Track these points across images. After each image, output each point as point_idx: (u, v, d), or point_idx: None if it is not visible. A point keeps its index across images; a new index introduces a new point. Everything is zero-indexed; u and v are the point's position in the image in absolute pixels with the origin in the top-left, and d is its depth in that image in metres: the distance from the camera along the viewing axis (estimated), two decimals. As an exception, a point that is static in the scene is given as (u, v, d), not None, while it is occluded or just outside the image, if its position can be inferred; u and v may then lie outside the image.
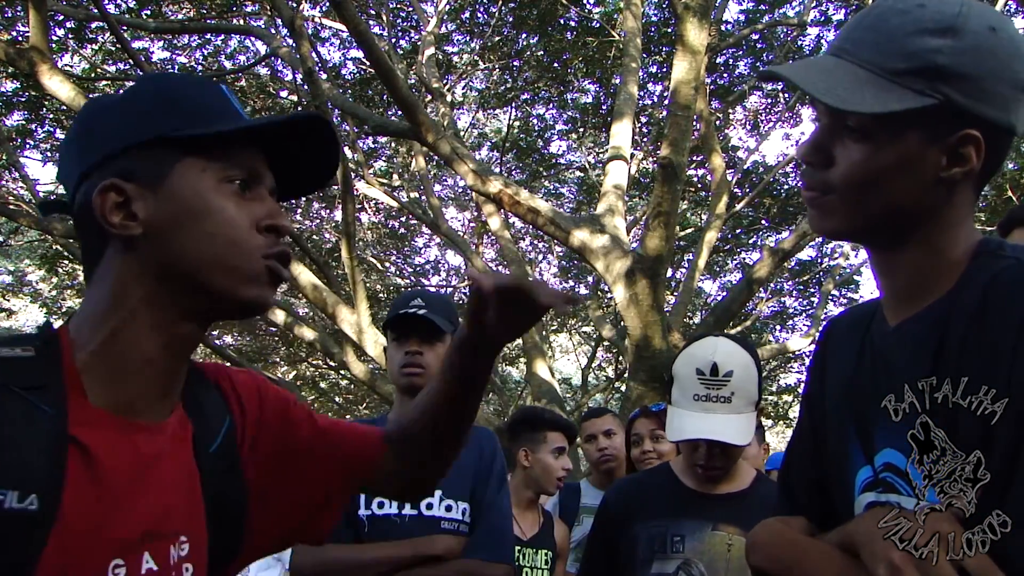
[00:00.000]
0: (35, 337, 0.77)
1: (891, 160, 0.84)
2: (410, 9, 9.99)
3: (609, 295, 9.32)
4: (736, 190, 9.81)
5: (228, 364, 1.11)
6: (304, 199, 12.12)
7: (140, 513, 0.76)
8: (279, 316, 7.33)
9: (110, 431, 0.75)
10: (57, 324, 0.83)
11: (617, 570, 1.64)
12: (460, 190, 12.89)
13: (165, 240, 0.77)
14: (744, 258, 13.16)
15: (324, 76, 8.56)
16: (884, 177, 0.84)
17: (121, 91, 0.87)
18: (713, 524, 1.56)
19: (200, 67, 10.15)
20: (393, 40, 9.83)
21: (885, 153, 0.84)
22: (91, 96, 7.15)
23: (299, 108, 9.98)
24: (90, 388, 0.75)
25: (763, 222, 11.63)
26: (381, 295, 12.53)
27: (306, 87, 5.82)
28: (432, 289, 13.85)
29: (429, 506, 1.76)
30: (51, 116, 9.31)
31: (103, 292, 0.79)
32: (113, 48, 9.12)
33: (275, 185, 0.86)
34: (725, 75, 10.40)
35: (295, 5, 7.31)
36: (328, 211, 12.22)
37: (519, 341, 12.13)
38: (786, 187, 11.07)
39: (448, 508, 1.77)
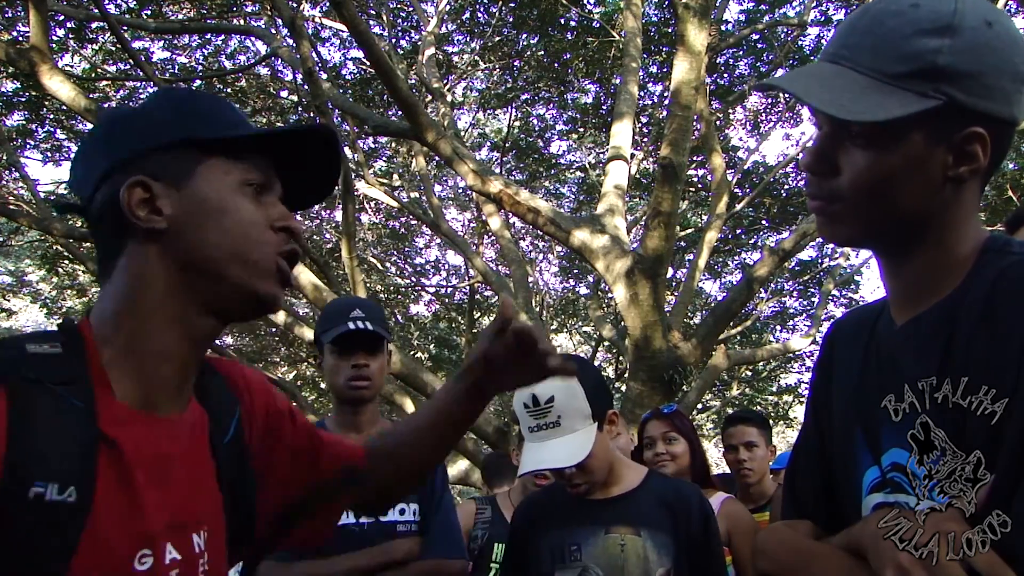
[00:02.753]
0: (59, 333, 0.80)
1: (898, 165, 0.83)
2: (410, 9, 9.99)
3: (609, 295, 9.32)
4: (736, 190, 9.81)
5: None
6: (304, 199, 12.09)
7: (163, 505, 0.79)
8: (279, 316, 7.32)
9: (134, 426, 0.78)
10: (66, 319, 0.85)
11: None
12: (460, 190, 12.90)
13: (188, 235, 0.82)
14: (744, 258, 13.17)
15: (324, 76, 8.56)
16: (892, 182, 0.83)
17: (136, 103, 0.90)
18: (605, 528, 1.61)
19: (200, 67, 10.15)
20: (393, 40, 9.83)
21: (891, 158, 0.83)
22: (92, 97, 7.15)
23: (299, 108, 9.99)
24: (116, 383, 0.79)
25: (763, 222, 11.64)
26: (381, 295, 12.52)
27: (306, 87, 5.81)
28: (432, 289, 13.88)
29: None
30: (51, 116, 9.31)
31: (124, 285, 0.82)
32: (113, 48, 9.11)
33: (283, 194, 0.91)
34: (725, 75, 10.40)
35: (295, 5, 7.31)
36: (328, 211, 12.21)
37: (519, 341, 12.09)
38: (786, 187, 11.07)
39: (401, 511, 1.81)
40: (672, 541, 1.58)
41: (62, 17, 8.06)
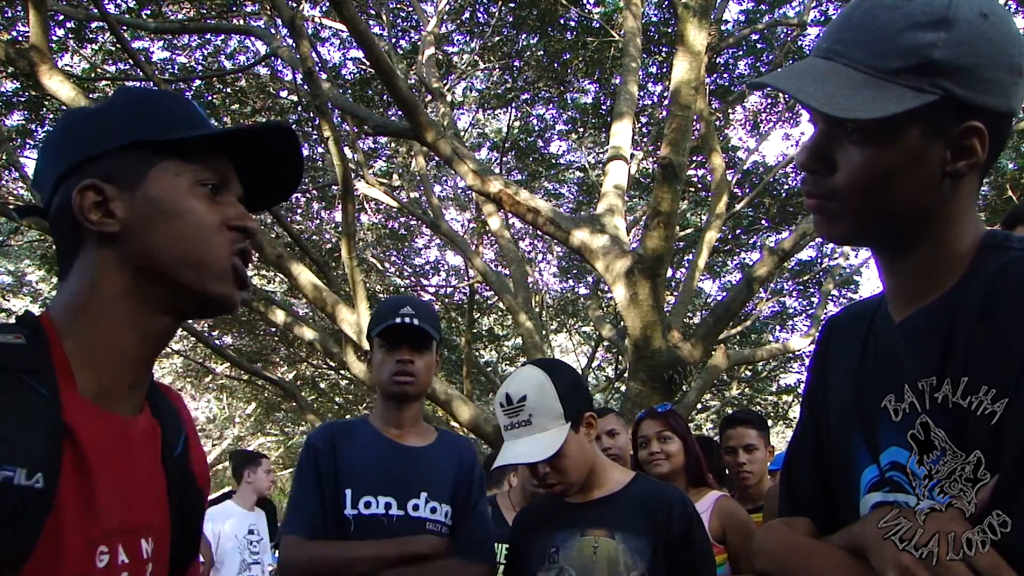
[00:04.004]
0: (21, 326, 0.79)
1: (895, 161, 0.82)
2: (410, 9, 9.99)
3: (609, 295, 9.31)
4: (736, 190, 9.81)
5: (228, 365, 1.13)
6: (304, 199, 12.12)
7: (118, 504, 0.79)
8: (279, 316, 7.32)
9: (94, 420, 0.78)
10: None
11: None
12: (460, 190, 12.89)
13: (140, 237, 0.82)
14: (744, 258, 13.17)
15: (324, 76, 8.55)
16: (889, 179, 0.83)
17: (108, 98, 0.92)
18: (581, 531, 1.64)
19: (200, 67, 10.15)
20: (393, 40, 9.83)
21: (889, 154, 0.82)
22: (92, 97, 7.15)
23: (299, 108, 9.99)
24: (78, 376, 0.79)
25: (763, 222, 11.63)
26: (381, 295, 12.51)
27: (306, 87, 5.81)
28: (432, 289, 13.87)
29: (416, 507, 1.81)
30: (51, 116, 9.30)
31: (80, 286, 0.82)
32: (113, 48, 9.11)
33: (243, 193, 0.91)
34: (725, 75, 10.40)
35: (295, 5, 7.31)
36: (328, 211, 12.21)
37: (519, 340, 12.13)
38: (786, 187, 11.07)
39: (433, 510, 1.82)
40: (648, 545, 1.59)
41: (62, 17, 8.06)
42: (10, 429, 0.70)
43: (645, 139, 10.48)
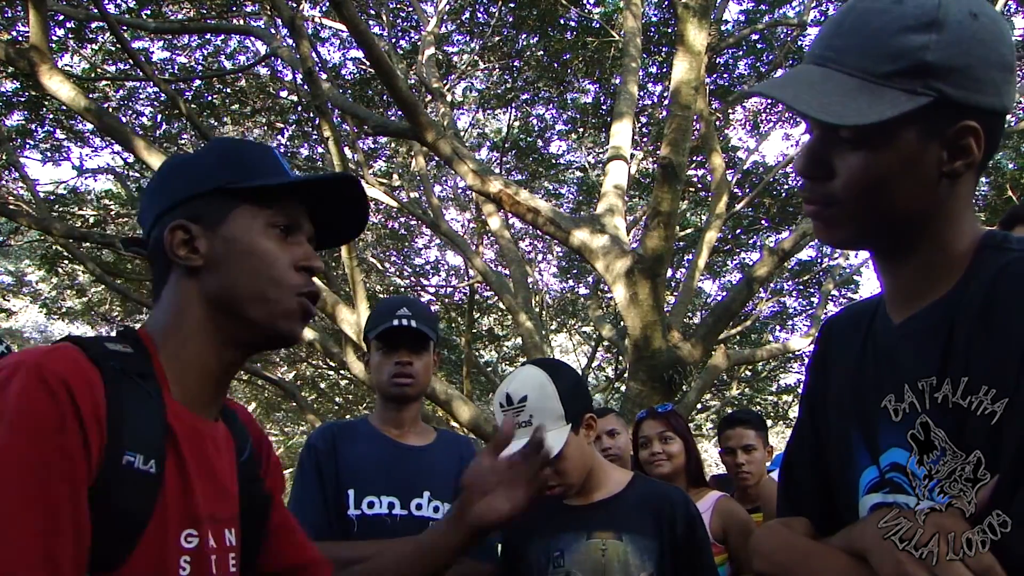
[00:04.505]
0: (124, 338, 0.92)
1: (892, 163, 0.82)
2: (410, 9, 9.98)
3: (609, 295, 9.31)
4: (736, 190, 9.81)
5: None
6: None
7: (206, 496, 0.91)
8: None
9: (187, 421, 0.91)
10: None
11: None
12: (460, 190, 12.89)
13: (219, 272, 0.94)
14: (744, 258, 13.17)
15: (324, 76, 8.55)
16: (887, 181, 0.83)
17: (201, 148, 1.05)
18: (588, 533, 1.62)
19: (200, 67, 10.14)
20: (393, 40, 9.82)
21: (885, 158, 0.82)
22: (91, 96, 7.14)
23: (299, 108, 9.98)
24: (172, 383, 0.91)
25: (763, 222, 11.63)
26: (381, 295, 12.51)
27: (306, 87, 5.81)
28: (432, 289, 13.87)
29: (418, 507, 1.81)
30: (51, 116, 9.31)
31: (168, 310, 0.96)
32: (113, 48, 9.11)
33: (313, 233, 1.02)
34: (725, 75, 10.40)
35: (295, 5, 7.31)
36: (328, 211, 12.17)
37: (519, 340, 12.13)
38: (786, 187, 11.07)
39: (435, 509, 1.82)
40: (655, 545, 1.58)
41: (62, 17, 8.06)
42: (130, 420, 0.83)
43: (645, 139, 10.48)
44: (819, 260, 12.60)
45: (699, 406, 12.23)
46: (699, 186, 11.19)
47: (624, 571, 1.56)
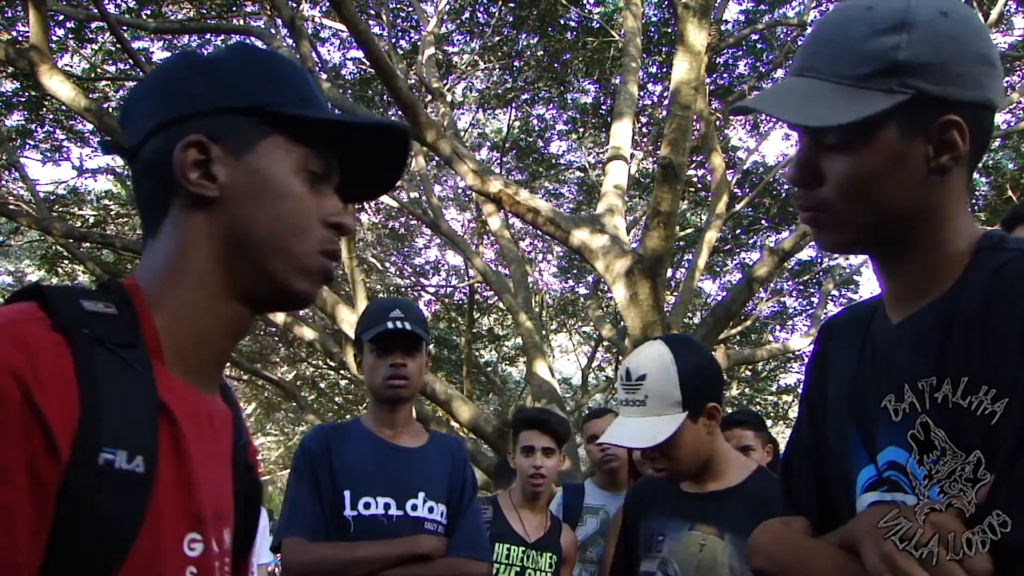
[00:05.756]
0: (110, 292, 0.74)
1: (878, 163, 0.84)
2: (410, 9, 9.99)
3: (609, 295, 9.32)
4: (736, 190, 9.81)
5: (228, 365, 1.12)
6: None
7: (210, 489, 0.75)
8: (279, 316, 7.32)
9: (186, 398, 0.74)
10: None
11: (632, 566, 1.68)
12: (460, 190, 12.89)
13: (238, 209, 0.76)
14: (744, 258, 13.17)
15: (324, 76, 8.56)
16: (875, 182, 0.84)
17: (215, 51, 0.85)
18: (691, 524, 1.56)
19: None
20: (393, 40, 9.83)
21: (871, 158, 0.84)
22: (91, 96, 7.14)
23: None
24: (167, 351, 0.74)
25: (763, 222, 11.64)
26: (381, 295, 12.51)
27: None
28: (432, 289, 13.88)
29: (414, 507, 1.82)
30: (51, 116, 9.31)
31: (171, 252, 0.77)
32: (113, 48, 9.11)
33: (339, 183, 0.85)
34: (725, 75, 10.40)
35: (295, 5, 7.32)
36: (328, 211, 12.18)
37: (519, 340, 12.14)
38: (786, 187, 11.07)
39: (430, 509, 1.84)
40: None
41: (62, 17, 8.06)
42: (108, 408, 0.65)
43: (645, 139, 10.48)
44: (819, 260, 12.60)
45: (699, 406, 12.20)
46: (699, 186, 11.20)
47: (720, 571, 1.47)
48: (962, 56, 0.82)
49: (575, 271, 13.51)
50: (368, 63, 6.53)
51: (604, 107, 10.55)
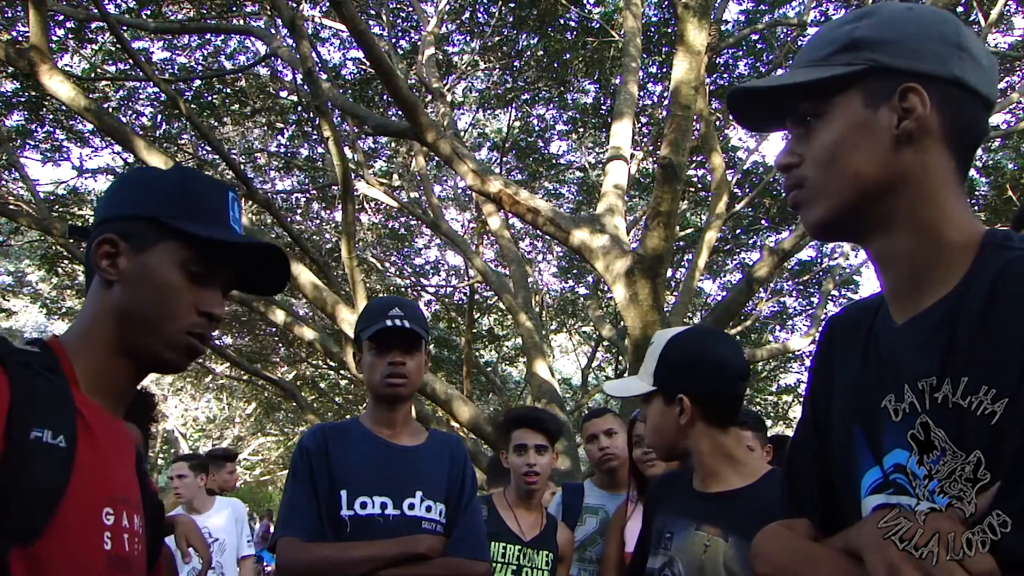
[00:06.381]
0: (33, 344, 0.98)
1: (842, 131, 0.90)
2: (410, 9, 9.99)
3: (609, 295, 9.31)
4: (736, 190, 9.81)
5: (228, 365, 1.27)
6: (304, 199, 12.12)
7: (118, 479, 0.97)
8: (279, 316, 7.32)
9: (96, 410, 0.97)
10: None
11: None
12: (460, 190, 12.89)
13: (130, 293, 1.01)
14: (744, 258, 13.17)
15: (324, 76, 8.56)
16: (843, 148, 0.90)
17: (167, 169, 1.13)
18: (697, 524, 1.55)
19: (200, 67, 10.15)
20: (393, 40, 9.83)
21: (836, 126, 0.91)
22: (91, 97, 7.13)
23: (299, 108, 9.98)
24: (81, 380, 0.97)
25: (763, 222, 11.63)
26: (381, 295, 12.51)
27: (306, 87, 5.82)
28: (432, 289, 13.88)
29: (411, 506, 1.81)
30: (51, 116, 9.31)
31: (87, 312, 1.03)
32: (113, 48, 9.12)
33: (233, 279, 1.08)
34: (725, 75, 10.40)
35: (295, 5, 7.32)
36: (328, 211, 12.21)
37: (519, 340, 12.13)
38: (786, 187, 11.05)
39: (428, 509, 1.83)
40: None
41: (62, 17, 8.06)
42: (36, 402, 0.88)
43: (645, 139, 10.48)
44: (819, 260, 12.61)
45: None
46: (699, 186, 11.19)
47: (717, 574, 1.46)
48: (922, 35, 0.88)
49: (575, 271, 13.51)
50: (368, 63, 6.52)
51: (604, 107, 10.55)
